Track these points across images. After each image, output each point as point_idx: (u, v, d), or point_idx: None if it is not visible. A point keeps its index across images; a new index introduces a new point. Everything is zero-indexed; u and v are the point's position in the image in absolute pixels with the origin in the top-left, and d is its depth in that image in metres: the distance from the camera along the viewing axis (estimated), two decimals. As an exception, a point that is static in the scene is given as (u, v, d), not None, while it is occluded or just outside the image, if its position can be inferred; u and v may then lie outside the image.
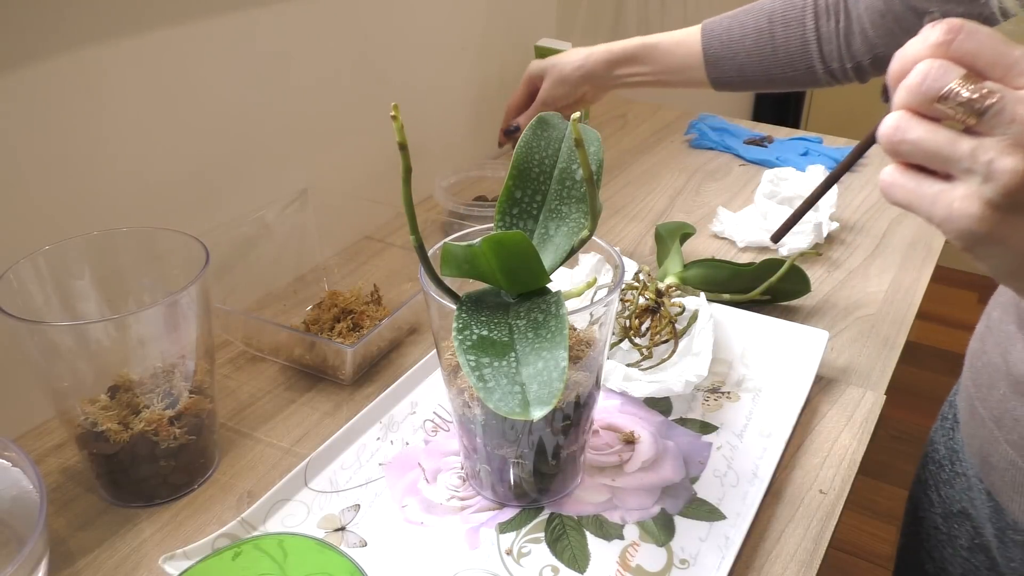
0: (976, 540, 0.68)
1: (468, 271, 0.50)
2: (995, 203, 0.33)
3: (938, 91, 0.33)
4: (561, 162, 0.54)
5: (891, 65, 0.36)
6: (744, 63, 0.83)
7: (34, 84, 0.64)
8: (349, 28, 0.93)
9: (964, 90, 0.33)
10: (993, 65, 0.33)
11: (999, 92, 0.33)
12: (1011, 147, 0.32)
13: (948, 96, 0.33)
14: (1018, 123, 0.32)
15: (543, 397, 0.43)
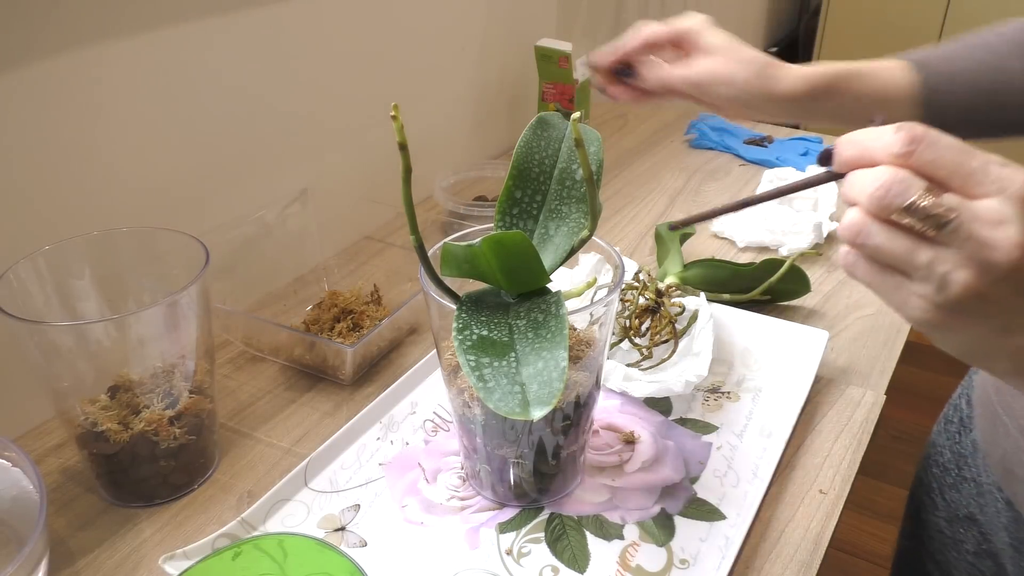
0: (983, 546, 0.67)
1: (468, 271, 0.50)
2: (945, 308, 0.35)
3: (900, 205, 0.35)
4: (561, 162, 0.54)
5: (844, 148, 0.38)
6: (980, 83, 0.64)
7: (34, 84, 0.64)
8: (349, 28, 0.93)
9: (925, 204, 0.34)
10: (952, 175, 0.35)
11: (957, 209, 0.34)
12: (965, 261, 0.34)
13: (909, 209, 0.34)
14: (972, 240, 0.34)
15: (543, 397, 0.43)
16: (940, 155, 0.35)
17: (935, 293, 0.35)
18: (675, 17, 0.68)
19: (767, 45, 2.57)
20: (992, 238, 0.34)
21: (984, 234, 0.34)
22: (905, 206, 0.35)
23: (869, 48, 2.44)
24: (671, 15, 0.70)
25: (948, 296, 0.35)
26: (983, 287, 0.34)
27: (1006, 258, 0.34)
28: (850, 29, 2.45)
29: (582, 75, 1.19)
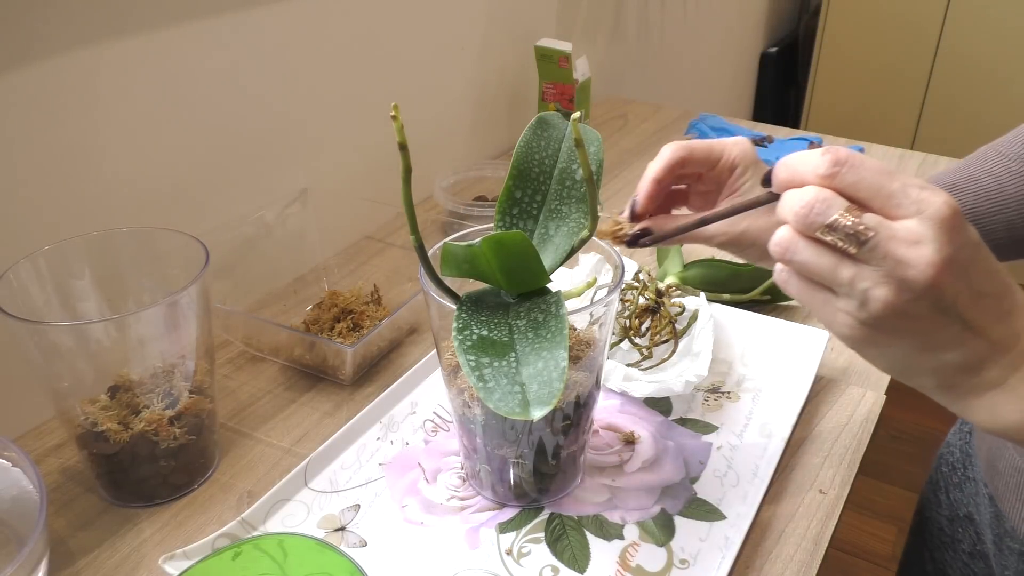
0: (977, 546, 0.68)
1: (468, 271, 0.50)
2: (868, 324, 0.37)
3: (822, 223, 0.36)
4: (561, 162, 0.54)
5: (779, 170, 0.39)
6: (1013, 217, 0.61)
7: (34, 84, 0.64)
8: (349, 28, 0.93)
9: (845, 223, 0.36)
10: (874, 196, 0.36)
11: (875, 228, 0.35)
12: (884, 279, 0.35)
13: (831, 227, 0.36)
14: (890, 258, 0.35)
15: (543, 397, 0.43)
16: (862, 177, 0.36)
17: (857, 309, 0.37)
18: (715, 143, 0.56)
19: (767, 45, 2.57)
20: (908, 257, 0.35)
21: (901, 253, 0.35)
22: (827, 224, 0.36)
23: (869, 48, 2.44)
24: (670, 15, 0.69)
25: (870, 312, 0.36)
26: (902, 304, 0.36)
27: (922, 276, 0.35)
28: (850, 29, 2.45)
29: (582, 75, 1.19)
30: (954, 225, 0.35)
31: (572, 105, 1.19)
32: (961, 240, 0.36)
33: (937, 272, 0.35)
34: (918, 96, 2.44)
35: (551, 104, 1.20)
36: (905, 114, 2.48)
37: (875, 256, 0.36)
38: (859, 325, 0.37)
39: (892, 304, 0.36)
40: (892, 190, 0.36)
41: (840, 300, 0.38)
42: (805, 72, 2.61)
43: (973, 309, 0.37)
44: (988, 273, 0.38)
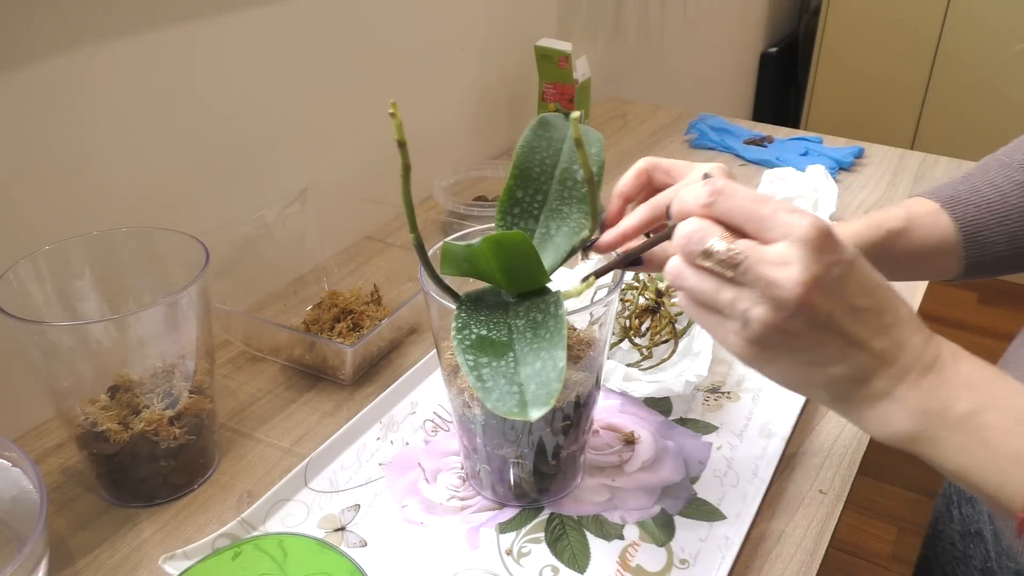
0: (988, 563, 0.67)
1: (468, 270, 0.50)
2: (753, 342, 0.39)
3: (699, 250, 0.39)
4: (563, 162, 0.54)
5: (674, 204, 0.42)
6: (1016, 229, 0.61)
7: (34, 85, 0.64)
8: (349, 28, 0.93)
9: (719, 249, 0.39)
10: (747, 222, 0.39)
11: (745, 253, 0.38)
12: (760, 299, 0.38)
13: (707, 253, 0.39)
14: (761, 280, 0.37)
15: (541, 397, 0.43)
16: (736, 204, 0.39)
17: (742, 329, 0.39)
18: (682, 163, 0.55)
19: (767, 45, 2.57)
20: (776, 277, 0.37)
21: (769, 274, 0.37)
22: (703, 251, 0.39)
23: (869, 48, 2.44)
24: (671, 15, 0.69)
25: (752, 331, 0.38)
26: (779, 322, 0.38)
27: (791, 295, 0.37)
28: (850, 29, 2.45)
29: (582, 75, 1.19)
30: (821, 244, 0.37)
31: (572, 105, 1.19)
32: (830, 259, 0.37)
33: (805, 290, 0.37)
34: (918, 96, 2.44)
35: (551, 104, 1.20)
36: (905, 114, 2.48)
37: (748, 278, 0.38)
38: (747, 344, 0.39)
39: (769, 322, 0.38)
40: (763, 215, 0.38)
41: (728, 322, 0.40)
42: (805, 72, 2.61)
43: (851, 324, 0.38)
44: (865, 289, 0.39)
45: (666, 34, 1.79)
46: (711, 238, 0.39)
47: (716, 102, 2.29)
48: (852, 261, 0.39)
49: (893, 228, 0.60)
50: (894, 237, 0.59)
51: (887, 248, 0.59)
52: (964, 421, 0.39)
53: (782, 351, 0.39)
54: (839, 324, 0.38)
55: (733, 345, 0.40)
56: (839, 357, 0.39)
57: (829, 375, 0.40)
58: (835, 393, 0.41)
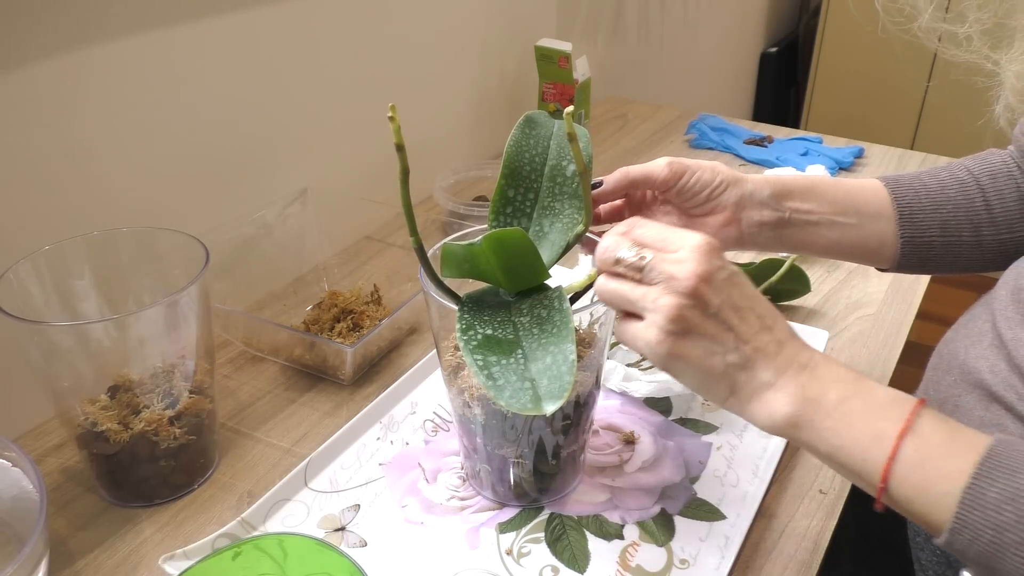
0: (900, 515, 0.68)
1: (468, 271, 0.50)
2: (666, 329, 0.45)
3: (613, 257, 0.47)
4: (552, 159, 0.54)
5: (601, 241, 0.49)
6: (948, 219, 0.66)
7: (34, 85, 0.64)
8: (349, 28, 0.93)
9: (629, 254, 0.46)
10: (655, 241, 0.47)
11: (650, 254, 0.46)
12: (666, 289, 0.45)
13: (619, 260, 0.47)
14: (663, 274, 0.45)
15: (554, 391, 0.43)
16: (647, 229, 0.48)
17: (655, 318, 0.45)
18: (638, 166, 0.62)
19: (767, 45, 2.57)
20: (674, 271, 0.45)
21: (670, 269, 0.45)
22: (616, 258, 0.47)
23: (869, 48, 2.44)
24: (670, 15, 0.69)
25: (664, 317, 0.45)
26: (683, 309, 0.45)
27: (687, 283, 0.44)
28: (850, 29, 2.45)
29: (582, 75, 1.19)
30: (709, 250, 0.46)
31: (572, 105, 1.19)
32: (717, 263, 0.46)
33: (697, 280, 0.45)
34: (918, 96, 2.44)
35: (551, 104, 1.20)
36: (905, 114, 2.48)
37: (653, 275, 0.45)
38: (659, 333, 0.45)
39: (675, 310, 0.45)
40: (667, 235, 0.47)
41: (646, 319, 0.46)
42: (805, 72, 2.61)
43: (736, 318, 0.46)
44: (746, 295, 0.47)
45: (666, 34, 1.79)
46: (623, 247, 0.47)
47: (716, 102, 2.29)
48: (735, 272, 0.47)
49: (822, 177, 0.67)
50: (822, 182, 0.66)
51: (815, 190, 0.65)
52: (834, 408, 0.45)
53: (689, 342, 0.45)
54: (726, 317, 0.46)
55: (648, 338, 0.46)
56: (731, 347, 0.46)
57: (727, 363, 0.46)
58: (731, 384, 0.47)
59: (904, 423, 0.44)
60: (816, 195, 0.65)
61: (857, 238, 0.66)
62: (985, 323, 0.60)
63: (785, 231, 0.64)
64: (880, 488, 0.44)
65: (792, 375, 0.46)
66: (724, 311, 0.46)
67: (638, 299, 0.46)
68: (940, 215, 0.66)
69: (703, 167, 0.62)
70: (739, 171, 0.64)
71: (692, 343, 0.46)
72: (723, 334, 0.46)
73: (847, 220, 0.65)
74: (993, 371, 0.56)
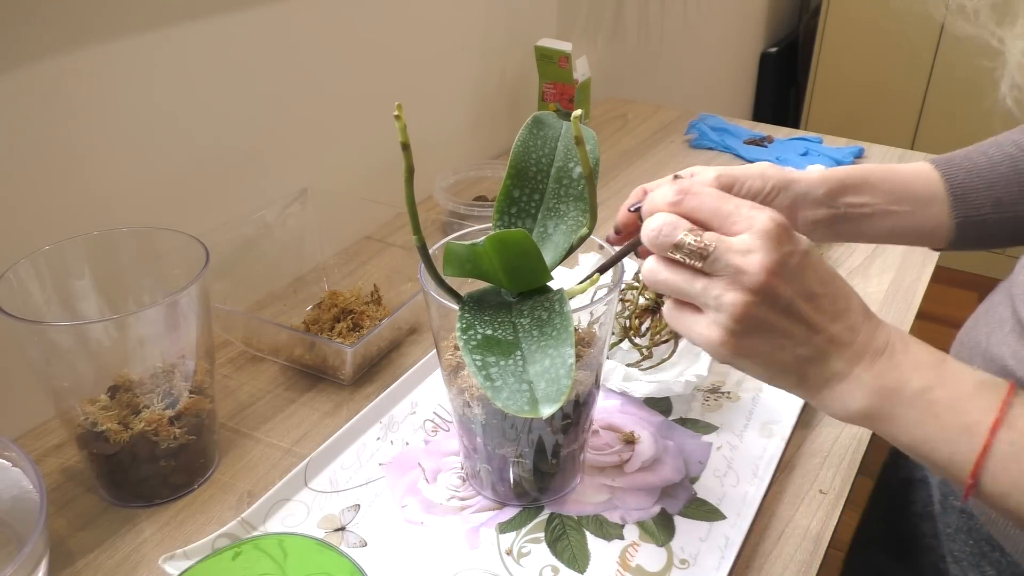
0: (928, 507, 0.69)
1: (470, 270, 0.50)
2: (730, 329, 0.42)
3: (670, 243, 0.43)
4: (558, 160, 0.54)
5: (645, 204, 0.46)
6: (1002, 195, 0.64)
7: (34, 85, 0.64)
8: (349, 28, 0.93)
9: (688, 241, 0.42)
10: (712, 217, 0.43)
11: (714, 243, 0.42)
12: (730, 285, 0.41)
13: (678, 246, 0.42)
14: (730, 267, 0.41)
15: (551, 395, 0.43)
16: (702, 202, 0.43)
17: (718, 317, 0.42)
18: None
19: (767, 45, 2.57)
20: (742, 264, 0.41)
21: (736, 261, 0.41)
22: (674, 244, 0.42)
23: (869, 48, 2.44)
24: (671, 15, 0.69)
25: (730, 316, 0.41)
26: (750, 308, 0.41)
27: (756, 279, 0.41)
28: (850, 29, 2.45)
29: (582, 75, 1.19)
30: (779, 235, 0.41)
31: (572, 105, 1.19)
32: (788, 248, 0.42)
33: (768, 275, 0.41)
34: (918, 96, 2.44)
35: (551, 104, 1.20)
36: (905, 114, 2.48)
37: (718, 267, 0.42)
38: (722, 332, 0.42)
39: (742, 308, 0.41)
40: (728, 211, 0.42)
41: (703, 316, 0.43)
42: (805, 72, 2.61)
43: (809, 308, 0.42)
44: (820, 278, 0.43)
45: (666, 34, 1.79)
46: (680, 231, 0.42)
47: (716, 102, 2.29)
48: (807, 252, 0.43)
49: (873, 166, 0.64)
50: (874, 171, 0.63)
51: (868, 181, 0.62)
52: (916, 398, 0.42)
53: (754, 338, 0.42)
54: (798, 309, 0.42)
55: (713, 338, 0.43)
56: (803, 340, 0.42)
57: (796, 356, 0.43)
58: (801, 376, 0.44)
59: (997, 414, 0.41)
60: (870, 187, 0.63)
61: (912, 224, 0.64)
62: (1006, 309, 0.60)
63: (841, 226, 0.63)
64: (969, 484, 0.41)
65: (867, 364, 0.43)
66: (796, 303, 0.42)
67: (699, 293, 0.42)
68: (993, 192, 0.64)
69: (751, 175, 0.58)
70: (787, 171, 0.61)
71: (760, 340, 0.42)
72: (794, 327, 0.42)
73: (902, 208, 0.63)
74: (1016, 357, 0.55)
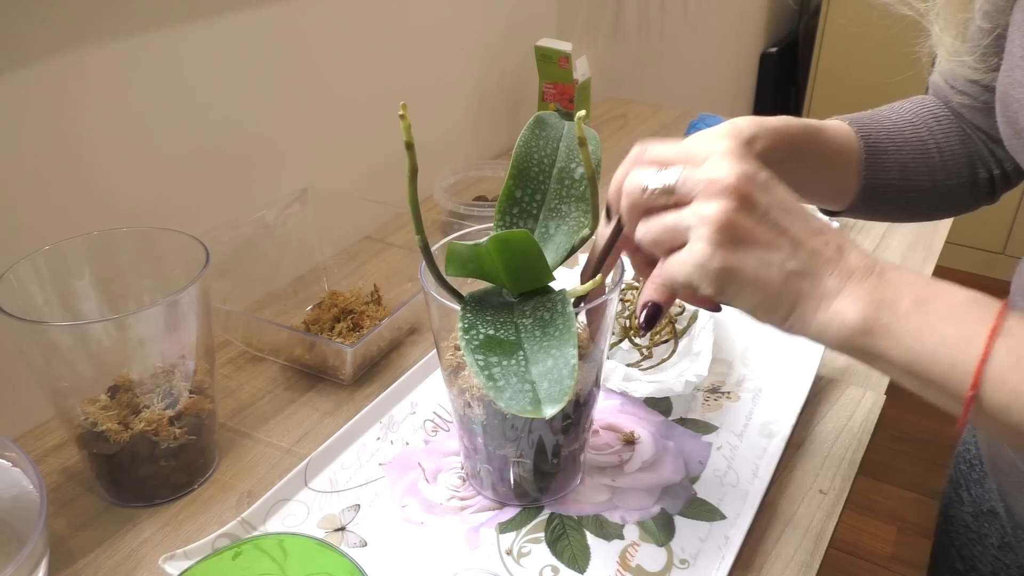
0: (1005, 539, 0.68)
1: (472, 270, 0.50)
2: (715, 240, 0.41)
3: (640, 188, 0.43)
4: (560, 161, 0.54)
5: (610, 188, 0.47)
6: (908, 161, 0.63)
7: (34, 84, 0.64)
8: (349, 29, 0.93)
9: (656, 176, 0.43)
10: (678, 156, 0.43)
11: (679, 170, 0.42)
12: (706, 197, 0.41)
13: (645, 189, 0.43)
14: (702, 182, 0.41)
15: (554, 395, 0.43)
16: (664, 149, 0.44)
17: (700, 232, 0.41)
18: None
19: (767, 45, 2.57)
20: (712, 175, 0.41)
21: (706, 175, 0.42)
22: (643, 187, 0.43)
23: (869, 48, 2.44)
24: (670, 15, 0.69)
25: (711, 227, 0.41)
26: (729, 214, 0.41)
27: (729, 183, 0.41)
28: (850, 29, 2.45)
29: (582, 75, 1.19)
30: (742, 154, 0.42)
31: (572, 105, 1.19)
32: (754, 164, 0.42)
33: (739, 179, 0.41)
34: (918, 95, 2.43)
35: (551, 104, 1.20)
36: (905, 114, 2.47)
37: (688, 188, 0.42)
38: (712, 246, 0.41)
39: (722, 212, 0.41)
40: (688, 148, 0.43)
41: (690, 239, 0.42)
42: (805, 72, 2.61)
43: (788, 220, 0.42)
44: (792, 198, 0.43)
45: (666, 34, 1.79)
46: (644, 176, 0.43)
47: (716, 102, 2.29)
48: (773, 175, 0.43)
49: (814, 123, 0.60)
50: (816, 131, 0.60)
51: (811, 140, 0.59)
52: (912, 310, 0.41)
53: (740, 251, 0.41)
54: (777, 217, 0.42)
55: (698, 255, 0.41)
56: (789, 252, 0.42)
57: (787, 271, 0.42)
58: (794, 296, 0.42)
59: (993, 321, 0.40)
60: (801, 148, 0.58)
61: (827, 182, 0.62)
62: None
63: None
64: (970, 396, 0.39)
65: (859, 279, 0.42)
66: (774, 212, 0.41)
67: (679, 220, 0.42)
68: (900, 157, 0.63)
69: None
70: None
71: (746, 253, 0.41)
72: (778, 239, 0.42)
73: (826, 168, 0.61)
74: None
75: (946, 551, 0.79)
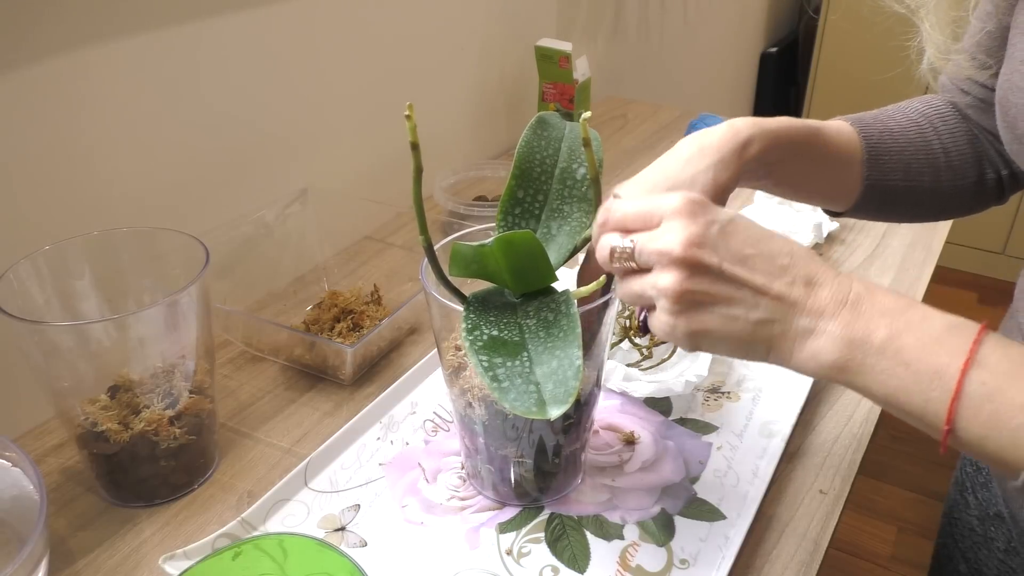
0: (1012, 543, 0.68)
1: (476, 271, 0.50)
2: (672, 310, 0.43)
3: (608, 254, 0.45)
4: (562, 161, 0.54)
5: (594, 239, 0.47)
6: (911, 161, 0.63)
7: (34, 85, 0.64)
8: (349, 28, 0.93)
9: (618, 246, 0.44)
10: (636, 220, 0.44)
11: (634, 240, 0.44)
12: (660, 269, 0.43)
13: (612, 255, 0.44)
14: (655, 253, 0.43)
15: (559, 396, 0.43)
16: (624, 212, 0.45)
17: (661, 304, 0.43)
18: None
19: (767, 45, 2.57)
20: (662, 246, 0.42)
21: (658, 246, 0.42)
22: (608, 256, 0.45)
23: (869, 48, 2.44)
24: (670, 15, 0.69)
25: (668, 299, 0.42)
26: (682, 283, 0.42)
27: (678, 255, 0.42)
28: (850, 29, 2.45)
29: (582, 75, 1.19)
30: (692, 210, 0.43)
31: (572, 105, 1.19)
32: (704, 219, 0.42)
33: (687, 247, 0.42)
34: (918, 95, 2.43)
35: (551, 104, 1.20)
36: (905, 114, 2.47)
37: (644, 259, 0.43)
38: (672, 316, 0.43)
39: (674, 283, 0.42)
40: (647, 209, 0.44)
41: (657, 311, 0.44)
42: (805, 72, 2.61)
43: (744, 271, 0.42)
44: (749, 240, 0.43)
45: (666, 34, 1.79)
46: (612, 240, 0.44)
47: (716, 102, 2.29)
48: (730, 219, 0.43)
49: (813, 124, 0.61)
50: (816, 131, 0.60)
51: (811, 140, 0.59)
52: (885, 346, 0.41)
53: (701, 313, 0.42)
54: (733, 274, 0.42)
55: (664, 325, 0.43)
56: (751, 303, 0.42)
57: (753, 323, 0.42)
58: (768, 342, 0.43)
59: (966, 354, 0.39)
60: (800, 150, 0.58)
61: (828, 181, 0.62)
62: None
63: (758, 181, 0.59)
64: (946, 430, 0.39)
65: (831, 315, 0.42)
66: (727, 268, 0.42)
67: (644, 290, 0.44)
68: (903, 158, 0.63)
69: None
70: None
71: (708, 313, 0.42)
72: (737, 292, 0.42)
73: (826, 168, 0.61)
74: None
75: (950, 553, 0.78)
